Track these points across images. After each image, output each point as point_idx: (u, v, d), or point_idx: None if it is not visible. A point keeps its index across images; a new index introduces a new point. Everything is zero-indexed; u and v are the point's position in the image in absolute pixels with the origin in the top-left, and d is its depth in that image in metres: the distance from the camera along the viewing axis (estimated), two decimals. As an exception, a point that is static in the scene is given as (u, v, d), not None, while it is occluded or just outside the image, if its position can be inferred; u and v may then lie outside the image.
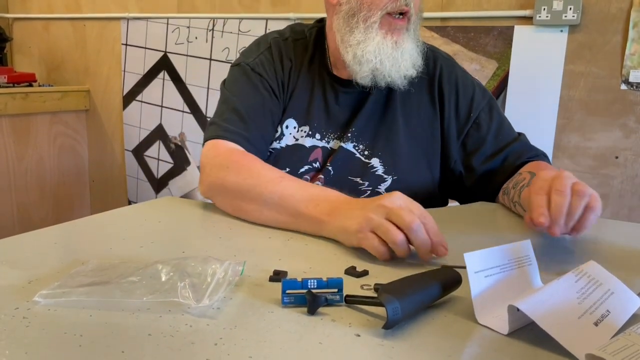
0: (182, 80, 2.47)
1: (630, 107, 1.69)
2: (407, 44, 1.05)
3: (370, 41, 1.03)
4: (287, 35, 1.16)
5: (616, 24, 1.67)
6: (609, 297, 0.58)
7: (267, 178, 0.91)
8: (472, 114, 1.13)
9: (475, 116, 1.13)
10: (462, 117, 1.13)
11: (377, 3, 1.02)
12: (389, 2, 1.02)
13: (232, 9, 2.31)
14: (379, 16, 1.02)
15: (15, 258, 0.73)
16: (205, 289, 0.60)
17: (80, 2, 2.70)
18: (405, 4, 1.02)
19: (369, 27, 1.03)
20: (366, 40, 1.04)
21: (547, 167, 1.03)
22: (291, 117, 1.12)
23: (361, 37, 1.04)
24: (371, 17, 1.03)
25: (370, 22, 1.03)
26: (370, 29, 1.03)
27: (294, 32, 1.17)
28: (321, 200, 0.84)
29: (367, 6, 1.03)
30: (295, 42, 1.15)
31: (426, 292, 0.59)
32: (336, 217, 0.81)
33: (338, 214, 0.81)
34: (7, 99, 2.43)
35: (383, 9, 1.02)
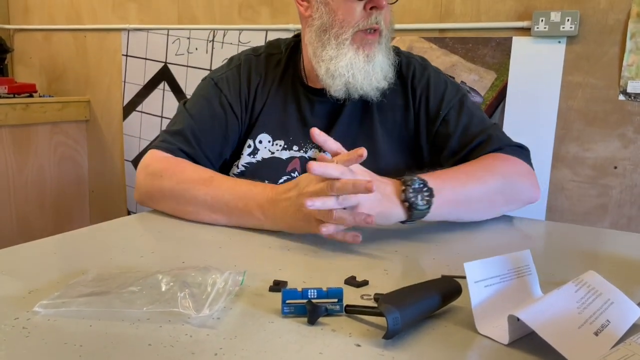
0: (182, 91, 2.47)
1: (628, 118, 1.69)
2: (379, 57, 1.06)
3: (342, 57, 1.04)
4: (261, 51, 1.18)
5: (614, 35, 1.68)
6: (609, 306, 0.58)
7: (199, 181, 0.97)
8: (442, 111, 1.12)
9: (444, 114, 1.12)
10: (432, 116, 1.13)
11: (348, 21, 1.03)
12: (360, 21, 1.03)
13: (232, 21, 2.33)
14: (351, 33, 1.03)
15: (15, 268, 0.73)
16: (205, 299, 0.60)
17: (81, 14, 2.72)
18: (376, 22, 1.03)
19: (340, 43, 1.04)
20: (338, 56, 1.04)
21: (482, 160, 1.04)
22: (264, 132, 1.13)
23: (333, 52, 1.05)
24: (343, 34, 1.04)
25: (342, 39, 1.04)
26: (342, 45, 1.04)
27: (269, 47, 1.19)
28: (248, 199, 0.91)
29: (339, 23, 1.04)
30: (269, 57, 1.17)
31: (426, 302, 0.59)
32: (267, 214, 0.89)
33: (267, 210, 0.89)
34: (8, 110, 2.44)
35: (355, 27, 1.03)
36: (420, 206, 0.87)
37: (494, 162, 1.03)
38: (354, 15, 1.02)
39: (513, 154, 1.07)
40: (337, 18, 1.04)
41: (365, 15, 1.02)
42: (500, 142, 1.09)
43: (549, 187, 1.81)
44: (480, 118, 1.14)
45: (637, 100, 1.67)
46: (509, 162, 1.05)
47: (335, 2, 1.04)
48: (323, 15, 1.06)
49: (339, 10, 1.03)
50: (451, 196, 0.91)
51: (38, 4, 2.84)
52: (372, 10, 1.02)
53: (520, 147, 1.11)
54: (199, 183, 0.96)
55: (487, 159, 1.04)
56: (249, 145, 1.13)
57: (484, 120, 1.15)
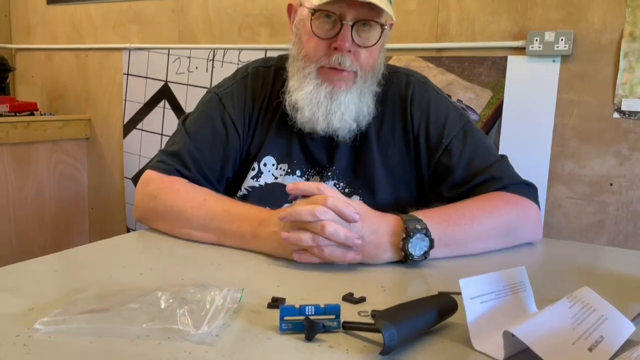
0: (183, 109, 2.50)
1: (623, 135, 1.71)
2: (345, 97, 1.02)
3: (303, 89, 1.02)
4: (272, 63, 1.14)
5: (607, 54, 1.71)
6: (602, 322, 0.59)
7: (192, 203, 0.97)
8: (444, 140, 1.07)
9: (447, 143, 1.07)
10: (433, 144, 1.08)
11: (311, 56, 1.01)
12: (323, 58, 1.00)
13: (232, 40, 2.36)
14: (314, 68, 1.02)
15: (16, 286, 0.73)
16: (204, 316, 0.61)
17: (82, 33, 2.75)
18: (339, 63, 0.99)
19: (304, 76, 1.03)
20: (299, 88, 1.03)
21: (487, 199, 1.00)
22: (269, 154, 1.10)
23: (296, 84, 1.04)
24: (307, 67, 1.02)
25: (305, 72, 1.02)
26: (305, 77, 1.02)
27: (280, 61, 1.14)
28: (241, 220, 0.92)
29: (303, 57, 1.03)
30: (278, 70, 1.12)
31: (423, 318, 0.60)
32: (256, 237, 0.90)
33: (257, 232, 0.90)
34: (9, 128, 2.46)
35: (317, 63, 1.01)
36: (416, 258, 0.85)
37: (501, 205, 0.99)
38: (317, 52, 1.00)
39: (519, 192, 1.03)
40: (303, 51, 1.03)
41: (329, 53, 0.99)
42: (505, 180, 1.04)
43: (545, 204, 1.82)
44: (485, 149, 1.09)
45: (632, 118, 1.69)
46: (514, 203, 1.01)
47: (304, 36, 1.02)
48: (295, 45, 1.05)
49: (306, 44, 1.02)
50: (451, 242, 0.90)
51: (40, 23, 2.87)
52: (336, 50, 0.99)
53: (526, 184, 1.07)
54: (191, 206, 0.96)
55: (491, 200, 1.00)
56: (253, 168, 1.10)
57: (489, 152, 1.09)
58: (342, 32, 0.98)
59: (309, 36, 1.01)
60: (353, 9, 0.97)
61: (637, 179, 1.71)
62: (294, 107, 1.05)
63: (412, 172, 1.11)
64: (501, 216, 0.97)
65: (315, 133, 1.06)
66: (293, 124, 1.07)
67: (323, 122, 1.03)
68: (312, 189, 0.85)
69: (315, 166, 1.11)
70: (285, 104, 1.07)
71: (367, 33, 1.01)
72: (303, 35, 1.03)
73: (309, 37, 1.01)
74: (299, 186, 0.86)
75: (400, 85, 1.12)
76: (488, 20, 1.85)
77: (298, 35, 1.05)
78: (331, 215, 0.81)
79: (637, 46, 1.66)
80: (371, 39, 1.01)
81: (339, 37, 0.98)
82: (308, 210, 0.81)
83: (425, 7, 1.95)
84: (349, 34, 0.98)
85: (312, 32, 1.00)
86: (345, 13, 0.97)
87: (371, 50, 1.02)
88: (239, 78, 1.14)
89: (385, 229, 0.86)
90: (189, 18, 2.45)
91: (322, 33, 1.00)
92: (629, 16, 1.66)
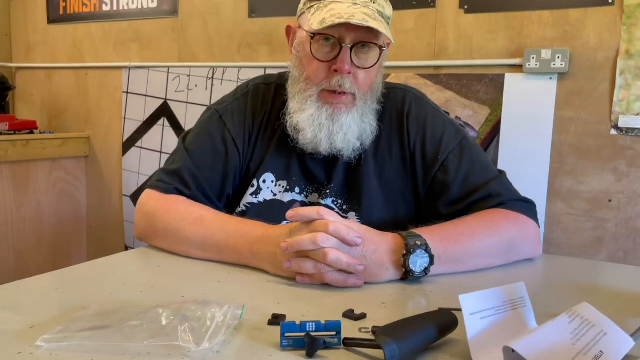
0: (182, 127, 2.51)
1: (621, 152, 1.72)
2: (346, 118, 1.03)
3: (304, 112, 1.03)
4: (273, 80, 1.15)
5: (603, 72, 1.73)
6: (602, 338, 0.59)
7: (190, 221, 0.98)
8: (440, 156, 1.08)
9: (443, 159, 1.07)
10: (429, 160, 1.08)
11: (312, 79, 1.02)
12: (324, 81, 1.01)
13: (232, 58, 2.38)
14: (316, 91, 1.03)
15: (17, 303, 0.73)
16: (205, 333, 0.61)
17: (83, 52, 2.78)
18: (339, 85, 1.00)
19: (305, 98, 1.04)
20: (301, 110, 1.04)
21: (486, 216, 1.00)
22: (268, 171, 1.11)
23: (298, 106, 1.05)
24: (308, 90, 1.03)
25: (306, 95, 1.03)
26: (306, 100, 1.03)
27: (280, 78, 1.15)
28: (238, 237, 0.93)
29: (305, 80, 1.04)
30: (279, 88, 1.13)
31: (423, 334, 0.60)
32: (254, 254, 0.90)
33: (255, 249, 0.90)
34: (8, 146, 2.47)
35: (319, 86, 1.02)
36: (417, 274, 0.85)
37: (500, 222, 0.99)
38: (318, 75, 1.01)
39: (517, 209, 1.03)
40: (304, 74, 1.04)
41: (330, 76, 1.01)
42: (504, 197, 1.04)
43: (544, 221, 1.82)
44: (482, 165, 1.09)
45: (629, 134, 1.70)
46: (514, 220, 1.01)
47: (305, 59, 1.03)
48: (295, 68, 1.07)
49: (307, 67, 1.03)
50: (451, 260, 0.90)
51: (41, 42, 2.90)
52: (336, 72, 1.00)
53: (525, 201, 1.07)
54: (189, 223, 0.97)
55: (490, 217, 1.00)
56: (253, 185, 1.10)
57: (487, 168, 1.09)
58: (342, 54, 0.99)
59: (309, 59, 1.02)
60: (352, 31, 0.98)
61: (636, 195, 1.71)
62: (295, 128, 1.05)
63: (409, 188, 1.11)
64: (501, 233, 0.97)
65: (308, 152, 1.07)
66: (296, 144, 1.07)
67: (326, 143, 1.04)
68: (313, 215, 0.84)
69: (313, 183, 1.12)
70: (286, 125, 1.07)
71: (365, 55, 1.02)
72: (303, 58, 1.04)
73: (309, 60, 1.02)
74: (300, 212, 0.85)
75: (397, 101, 1.13)
76: (485, 39, 1.87)
77: (298, 57, 1.06)
78: (333, 242, 0.81)
79: (633, 63, 1.68)
80: (370, 61, 1.03)
81: (338, 59, 0.99)
82: (309, 239, 0.81)
83: (422, 26, 1.97)
84: (349, 57, 0.99)
85: (312, 55, 1.01)
86: (344, 36, 0.99)
87: (369, 71, 1.03)
88: (240, 95, 1.15)
89: (386, 248, 0.86)
90: (189, 36, 2.47)
91: (322, 56, 1.01)
92: (625, 34, 1.68)
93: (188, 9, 2.46)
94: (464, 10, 1.90)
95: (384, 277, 0.86)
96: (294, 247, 0.82)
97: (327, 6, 0.99)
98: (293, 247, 0.82)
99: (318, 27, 0.97)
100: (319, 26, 0.97)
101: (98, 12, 2.70)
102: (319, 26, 0.97)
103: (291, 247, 0.83)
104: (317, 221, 0.83)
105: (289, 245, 0.83)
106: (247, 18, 2.32)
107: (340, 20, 0.95)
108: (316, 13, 1.00)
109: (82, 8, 2.74)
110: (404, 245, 0.85)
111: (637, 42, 1.67)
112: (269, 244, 0.89)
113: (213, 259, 0.95)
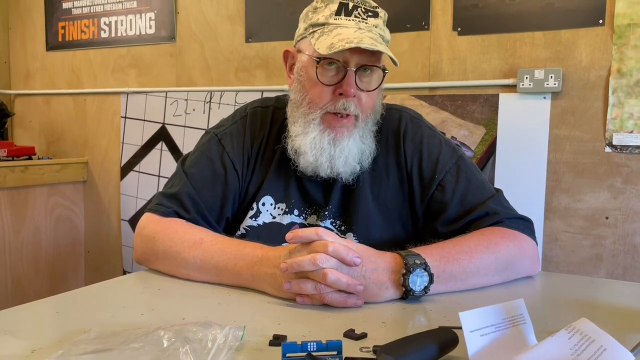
0: (180, 151, 2.52)
1: (616, 169, 1.74)
2: (348, 142, 1.04)
3: (306, 135, 1.04)
4: (270, 103, 1.16)
5: (596, 90, 1.75)
6: (602, 353, 0.59)
7: (189, 243, 0.98)
8: (437, 175, 1.08)
9: (440, 178, 1.08)
10: (426, 179, 1.09)
11: (316, 102, 1.03)
12: (328, 104, 1.02)
13: (229, 82, 2.40)
14: (319, 114, 1.03)
15: (17, 328, 0.73)
16: (206, 354, 0.61)
17: (81, 79, 2.80)
18: (344, 108, 1.01)
19: (308, 122, 1.04)
20: (303, 134, 1.04)
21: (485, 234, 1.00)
22: (268, 194, 1.11)
23: (300, 129, 1.05)
24: (311, 114, 1.04)
25: (309, 118, 1.04)
26: (309, 124, 1.04)
27: (278, 101, 1.16)
28: (237, 259, 0.93)
29: (308, 103, 1.04)
30: (276, 111, 1.14)
31: (424, 352, 0.61)
32: (254, 275, 0.91)
33: (254, 270, 0.90)
34: (6, 172, 2.47)
35: (322, 109, 1.03)
36: (417, 293, 0.85)
37: (497, 240, 0.99)
38: (323, 98, 1.02)
39: (515, 227, 1.03)
40: (307, 98, 1.04)
41: (334, 99, 1.02)
42: (501, 215, 1.04)
43: (543, 238, 1.83)
44: (479, 183, 1.09)
45: (624, 152, 1.72)
46: (511, 238, 1.01)
47: (308, 82, 1.04)
48: (297, 92, 1.07)
49: (310, 90, 1.04)
50: (450, 278, 0.91)
51: (39, 69, 2.93)
52: (341, 96, 1.01)
53: (522, 219, 1.07)
54: (188, 246, 0.97)
55: (488, 235, 1.00)
56: (252, 208, 1.11)
57: (484, 187, 1.10)
58: (347, 78, 1.00)
59: (312, 83, 1.03)
60: (356, 55, 1.00)
61: (632, 212, 1.72)
62: (296, 151, 1.06)
63: (406, 208, 1.12)
64: (499, 251, 0.97)
65: (318, 176, 1.08)
66: (295, 167, 1.08)
67: (327, 167, 1.05)
68: (312, 236, 0.84)
69: (312, 205, 1.12)
70: (287, 148, 1.08)
71: (368, 77, 1.04)
72: (307, 82, 1.05)
73: (312, 84, 1.03)
74: (299, 234, 0.85)
75: (393, 122, 1.14)
76: (479, 59, 1.90)
77: (300, 81, 1.07)
78: (332, 262, 0.82)
79: (624, 82, 1.70)
80: (373, 83, 1.04)
81: (343, 82, 1.01)
82: (309, 260, 0.81)
83: (417, 48, 2.00)
84: (354, 80, 1.01)
85: (317, 79, 1.02)
86: (349, 60, 1.00)
87: (371, 93, 1.05)
88: (238, 118, 1.16)
89: (385, 267, 0.86)
90: (186, 61, 2.50)
91: (326, 80, 1.02)
92: (616, 53, 1.71)
93: (185, 35, 2.49)
94: (457, 32, 1.93)
95: (384, 296, 0.86)
96: (293, 268, 0.83)
97: (333, 31, 1.01)
98: (293, 268, 0.83)
99: (327, 52, 0.98)
100: (327, 51, 0.98)
101: (96, 38, 2.73)
102: (328, 51, 0.98)
103: (291, 268, 0.83)
104: (316, 242, 0.84)
105: (288, 266, 0.83)
106: (244, 43, 2.35)
107: (351, 45, 0.96)
108: (321, 38, 1.01)
109: (80, 35, 2.78)
110: (404, 264, 0.86)
111: (628, 61, 1.70)
112: (268, 265, 0.89)
113: (213, 281, 0.95)
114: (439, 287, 0.89)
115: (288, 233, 0.85)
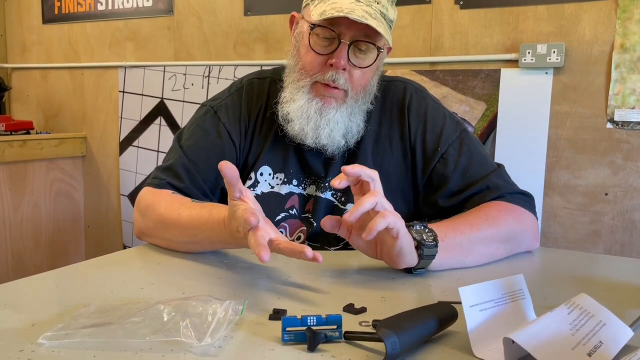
0: (179, 126, 2.51)
1: (617, 145, 1.73)
2: (335, 114, 1.03)
3: (295, 102, 1.04)
4: (267, 75, 1.16)
5: (599, 66, 1.73)
6: (601, 328, 0.59)
7: (172, 218, 0.97)
8: (440, 148, 1.08)
9: (443, 151, 1.08)
10: (429, 152, 1.09)
11: (307, 70, 1.03)
12: (318, 74, 1.02)
13: (227, 57, 2.38)
14: (309, 82, 1.03)
15: (18, 302, 0.73)
16: (206, 328, 0.61)
17: (79, 52, 2.77)
18: (333, 80, 1.01)
19: (297, 88, 1.04)
20: (292, 100, 1.05)
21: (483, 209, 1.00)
22: (266, 164, 1.11)
23: (289, 96, 1.05)
24: (301, 80, 1.04)
25: (299, 85, 1.04)
26: (298, 90, 1.04)
27: (276, 73, 1.15)
28: (209, 230, 0.91)
29: (299, 70, 1.04)
30: (273, 82, 1.13)
31: (423, 326, 0.61)
32: (226, 243, 0.92)
33: (224, 239, 0.90)
34: (5, 147, 2.46)
35: (312, 78, 1.03)
36: (428, 244, 0.84)
37: (496, 214, 0.99)
38: (314, 66, 1.02)
39: (516, 202, 1.03)
40: (299, 64, 1.04)
41: (325, 69, 1.01)
42: (502, 189, 1.05)
43: (542, 215, 1.83)
44: (481, 158, 1.10)
45: (625, 128, 1.71)
46: (510, 212, 1.01)
47: (302, 49, 1.04)
48: (292, 57, 1.07)
49: (303, 57, 1.04)
50: (456, 247, 0.90)
51: (36, 42, 2.89)
52: (331, 67, 1.00)
53: (523, 194, 1.07)
54: (171, 221, 0.97)
55: (489, 209, 1.00)
56: (250, 178, 1.11)
57: (486, 161, 1.10)
58: (339, 49, 0.99)
59: (306, 50, 1.03)
60: (352, 29, 0.99)
61: (632, 189, 1.72)
62: (285, 118, 1.06)
63: (407, 181, 1.12)
64: (499, 224, 0.98)
65: (305, 145, 1.08)
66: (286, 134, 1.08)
67: (312, 136, 1.04)
68: (372, 174, 0.81)
69: (311, 176, 1.12)
70: (278, 115, 1.08)
71: (363, 54, 1.02)
72: (301, 48, 1.05)
73: (306, 50, 1.03)
74: (357, 168, 0.80)
75: (397, 94, 1.13)
76: (481, 34, 1.88)
77: (297, 47, 1.06)
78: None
79: (628, 57, 1.69)
80: (367, 61, 1.03)
81: (335, 54, 1.00)
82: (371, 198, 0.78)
83: (418, 22, 1.98)
84: (346, 53, 1.00)
85: (309, 46, 1.02)
86: (344, 32, 0.99)
87: (365, 71, 1.03)
88: (234, 90, 1.15)
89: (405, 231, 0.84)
90: (185, 35, 2.47)
91: (319, 49, 1.01)
92: (619, 28, 1.69)
93: (183, 8, 2.46)
94: (459, 6, 1.90)
95: (410, 259, 0.84)
96: (358, 210, 0.77)
97: None
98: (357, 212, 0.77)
99: (317, 19, 0.98)
100: (318, 17, 0.98)
101: (93, 11, 2.69)
102: (319, 17, 0.97)
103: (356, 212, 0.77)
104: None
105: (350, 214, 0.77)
106: (243, 16, 2.32)
107: (340, 13, 0.95)
108: (319, 5, 1.00)
109: (77, 7, 2.74)
110: (409, 226, 0.85)
111: (632, 36, 1.67)
112: (229, 226, 0.85)
113: (198, 250, 0.98)
114: (447, 256, 0.88)
115: (347, 167, 0.79)
